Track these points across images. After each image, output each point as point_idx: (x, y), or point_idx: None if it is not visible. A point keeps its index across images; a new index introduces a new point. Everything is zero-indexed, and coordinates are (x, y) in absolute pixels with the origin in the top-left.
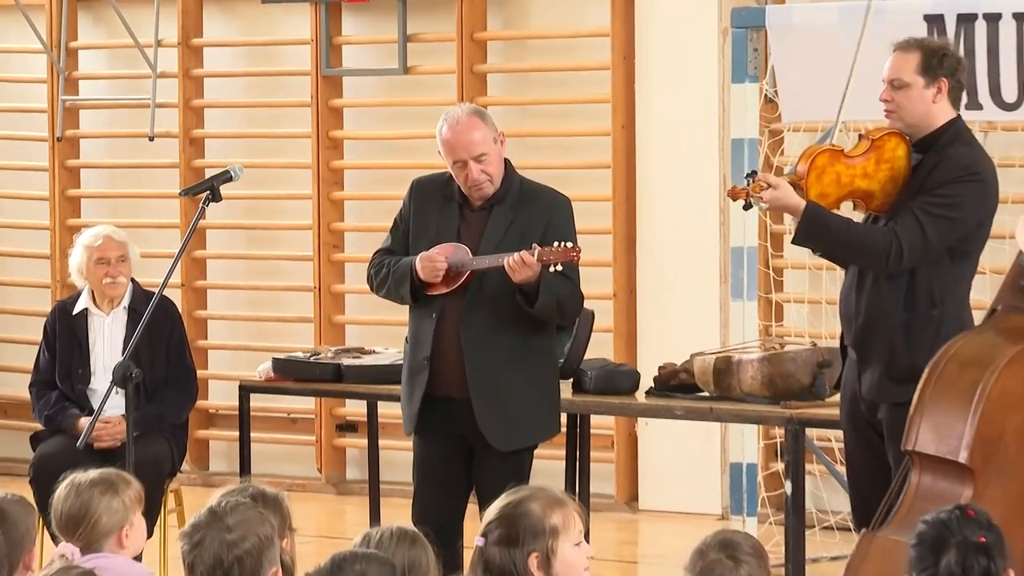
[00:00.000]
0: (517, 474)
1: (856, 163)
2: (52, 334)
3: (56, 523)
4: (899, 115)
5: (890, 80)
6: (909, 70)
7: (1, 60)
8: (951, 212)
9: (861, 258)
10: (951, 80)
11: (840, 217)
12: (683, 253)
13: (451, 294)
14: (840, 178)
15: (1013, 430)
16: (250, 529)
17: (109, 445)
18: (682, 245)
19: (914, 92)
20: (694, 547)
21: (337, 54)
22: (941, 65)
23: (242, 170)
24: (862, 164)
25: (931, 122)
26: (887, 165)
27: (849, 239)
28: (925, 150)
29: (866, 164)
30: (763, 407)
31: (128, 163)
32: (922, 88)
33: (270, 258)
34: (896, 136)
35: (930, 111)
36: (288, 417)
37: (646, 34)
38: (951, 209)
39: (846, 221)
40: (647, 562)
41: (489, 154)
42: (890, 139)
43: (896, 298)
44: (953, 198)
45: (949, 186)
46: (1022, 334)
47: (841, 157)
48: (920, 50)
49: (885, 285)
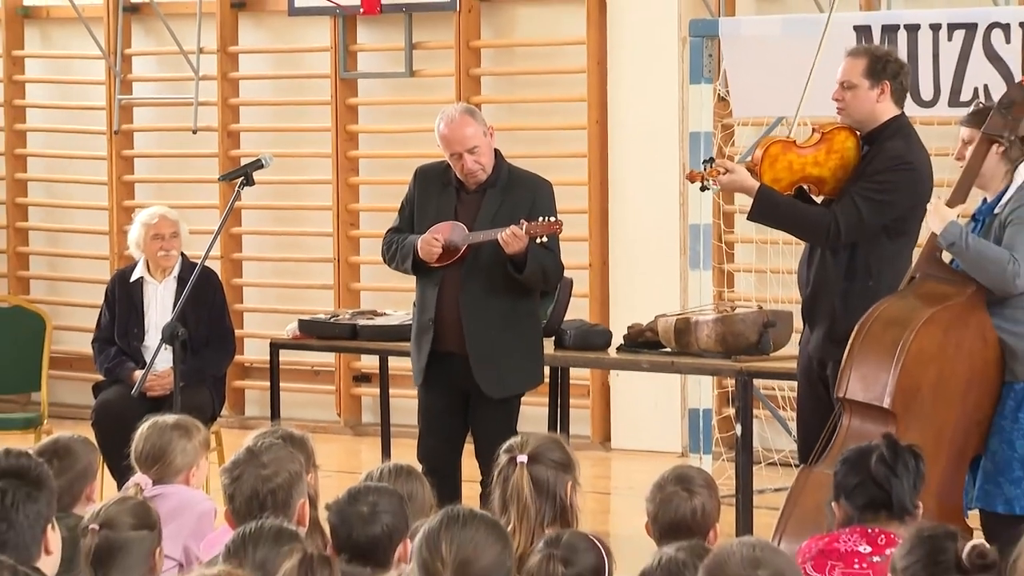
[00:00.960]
0: (507, 419)
1: (807, 153)
2: (112, 298)
3: (135, 457)
4: (848, 112)
5: (841, 81)
6: (857, 73)
7: (66, 65)
8: (884, 196)
9: (805, 233)
10: (893, 83)
11: (788, 198)
12: (648, 229)
13: (451, 265)
14: (792, 165)
15: (928, 381)
16: (281, 466)
17: (159, 394)
18: (647, 223)
19: (861, 92)
20: (655, 480)
21: (353, 60)
22: (885, 70)
23: (272, 159)
24: (813, 154)
25: (876, 118)
26: (837, 155)
27: (795, 217)
28: (871, 142)
29: (817, 154)
30: (717, 361)
31: (174, 153)
32: (868, 89)
33: (295, 234)
34: (846, 130)
35: (875, 109)
36: (312, 370)
37: (616, 43)
38: (884, 193)
39: (793, 202)
40: (618, 493)
41: (480, 146)
42: (840, 132)
43: (838, 271)
44: (886, 184)
45: (884, 173)
46: (937, 298)
47: (793, 147)
48: (867, 56)
49: (829, 259)
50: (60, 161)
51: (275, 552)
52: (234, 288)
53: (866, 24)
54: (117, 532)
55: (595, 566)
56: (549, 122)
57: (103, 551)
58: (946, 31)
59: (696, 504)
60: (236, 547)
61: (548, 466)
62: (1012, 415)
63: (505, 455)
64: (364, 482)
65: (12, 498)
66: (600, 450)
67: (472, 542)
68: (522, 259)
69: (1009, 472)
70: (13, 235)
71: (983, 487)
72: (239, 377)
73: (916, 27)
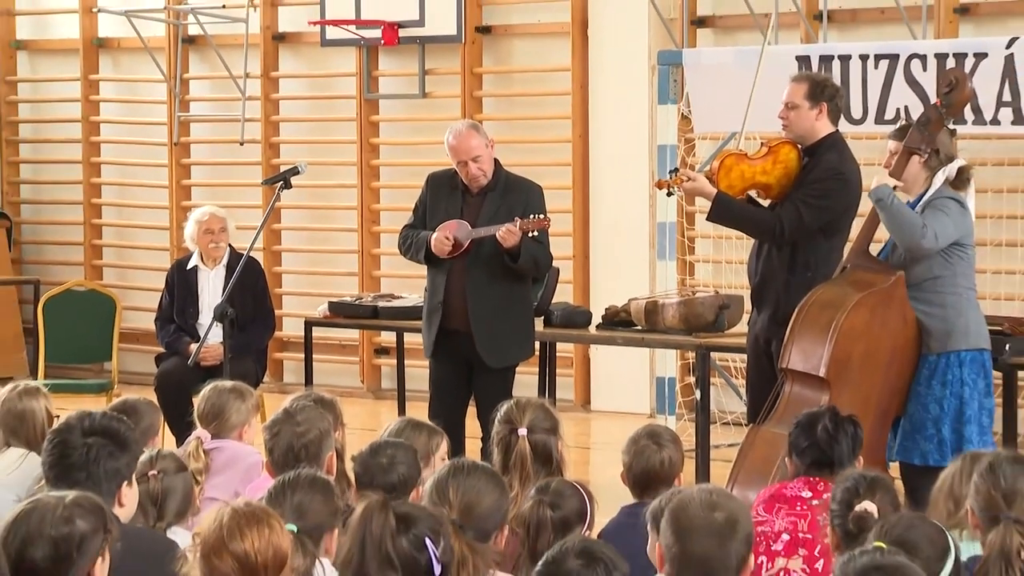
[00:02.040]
0: (504, 385)
1: (756, 163)
2: (171, 283)
3: (198, 415)
4: (791, 128)
5: (785, 103)
6: (799, 95)
7: (134, 88)
8: (820, 201)
9: (755, 232)
10: (830, 104)
11: (740, 202)
12: (622, 226)
13: (457, 256)
14: (744, 174)
15: (857, 354)
16: (313, 424)
17: (211, 364)
18: (622, 221)
19: (802, 112)
20: (629, 436)
21: (375, 83)
22: (823, 92)
23: (306, 167)
24: (761, 164)
25: (815, 134)
26: (781, 165)
27: (746, 218)
28: (811, 155)
29: (765, 164)
30: (680, 337)
31: (224, 161)
32: (808, 109)
33: (326, 230)
34: (789, 144)
35: (814, 126)
36: (339, 344)
37: (596, 70)
38: (821, 199)
39: (744, 205)
40: (596, 448)
41: (482, 156)
42: (784, 146)
43: (782, 264)
44: (823, 191)
45: (821, 182)
46: (865, 284)
47: (744, 159)
48: (808, 81)
49: (775, 254)
50: (128, 168)
51: (309, 496)
52: (274, 275)
53: (806, 55)
54: (168, 477)
55: (579, 509)
56: (540, 136)
57: (159, 493)
58: (873, 60)
59: (664, 456)
60: (276, 493)
61: (543, 433)
62: (926, 382)
63: (505, 426)
64: (384, 438)
65: (95, 454)
66: (581, 412)
67: (475, 489)
68: (517, 251)
69: (924, 431)
70: (89, 230)
71: (902, 443)
72: (278, 350)
73: (848, 57)
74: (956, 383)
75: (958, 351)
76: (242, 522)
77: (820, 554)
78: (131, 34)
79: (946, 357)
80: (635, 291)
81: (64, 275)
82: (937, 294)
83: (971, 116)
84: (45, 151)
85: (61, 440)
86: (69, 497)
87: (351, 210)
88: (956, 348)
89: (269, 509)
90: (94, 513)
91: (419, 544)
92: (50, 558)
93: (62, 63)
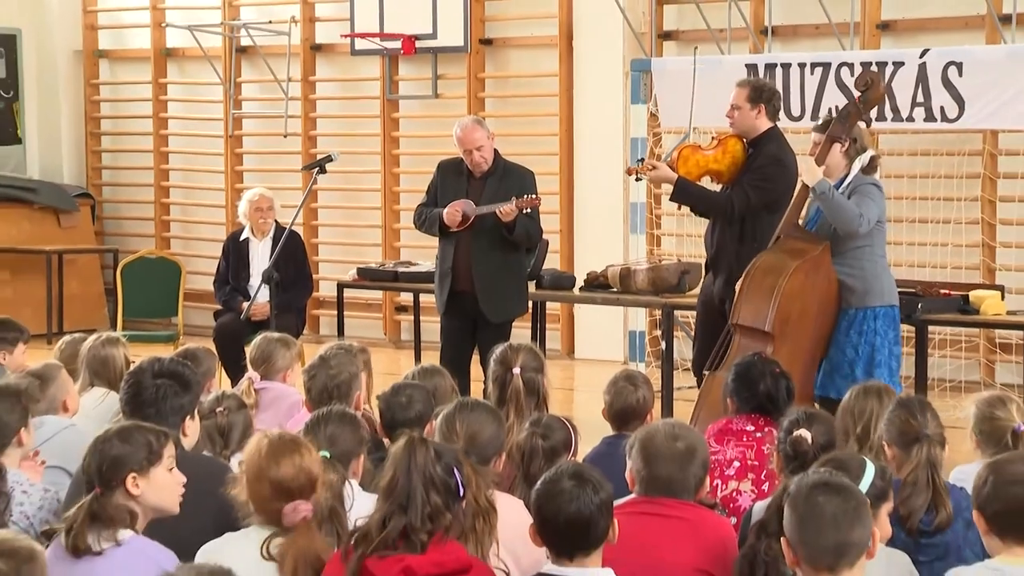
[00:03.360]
0: (503, 337)
1: (709, 154)
2: (227, 252)
3: (250, 360)
4: (736, 125)
5: (731, 104)
6: (743, 98)
7: (195, 89)
8: (765, 184)
9: (711, 211)
10: (768, 105)
11: (698, 185)
12: (601, 206)
13: (464, 230)
14: (699, 162)
15: (795, 312)
16: (344, 368)
17: (259, 319)
18: (601, 201)
19: (744, 111)
20: (609, 378)
21: (396, 86)
22: (761, 95)
23: (338, 155)
24: (713, 154)
25: (756, 129)
26: (730, 155)
27: (702, 199)
28: (754, 147)
29: (716, 154)
30: (649, 297)
31: (271, 151)
32: (749, 110)
33: (354, 208)
34: (735, 137)
35: (755, 123)
36: (366, 303)
37: (580, 75)
38: (764, 183)
39: (701, 188)
40: (579, 389)
41: (485, 146)
42: (731, 139)
43: (733, 236)
44: (766, 176)
45: (764, 168)
46: (798, 253)
47: (699, 150)
48: (749, 86)
49: (727, 228)
50: (191, 156)
51: (339, 428)
52: (312, 245)
53: (754, 63)
54: (232, 414)
55: (566, 440)
56: (532, 130)
57: (225, 427)
58: (809, 68)
59: (639, 395)
60: (313, 425)
61: (532, 371)
62: (845, 332)
63: (501, 366)
64: (403, 380)
65: (163, 392)
66: (567, 359)
67: (478, 422)
68: (513, 225)
69: (841, 371)
70: (159, 208)
71: (823, 381)
72: (315, 308)
73: (789, 65)
74: (871, 333)
75: (873, 307)
76: (277, 452)
77: (766, 478)
78: (193, 45)
79: (863, 311)
80: (611, 259)
81: (138, 245)
82: (858, 260)
83: (890, 114)
84: (122, 142)
85: (135, 381)
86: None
87: (375, 192)
88: (872, 304)
89: (300, 439)
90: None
91: (449, 470)
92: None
93: (136, 69)
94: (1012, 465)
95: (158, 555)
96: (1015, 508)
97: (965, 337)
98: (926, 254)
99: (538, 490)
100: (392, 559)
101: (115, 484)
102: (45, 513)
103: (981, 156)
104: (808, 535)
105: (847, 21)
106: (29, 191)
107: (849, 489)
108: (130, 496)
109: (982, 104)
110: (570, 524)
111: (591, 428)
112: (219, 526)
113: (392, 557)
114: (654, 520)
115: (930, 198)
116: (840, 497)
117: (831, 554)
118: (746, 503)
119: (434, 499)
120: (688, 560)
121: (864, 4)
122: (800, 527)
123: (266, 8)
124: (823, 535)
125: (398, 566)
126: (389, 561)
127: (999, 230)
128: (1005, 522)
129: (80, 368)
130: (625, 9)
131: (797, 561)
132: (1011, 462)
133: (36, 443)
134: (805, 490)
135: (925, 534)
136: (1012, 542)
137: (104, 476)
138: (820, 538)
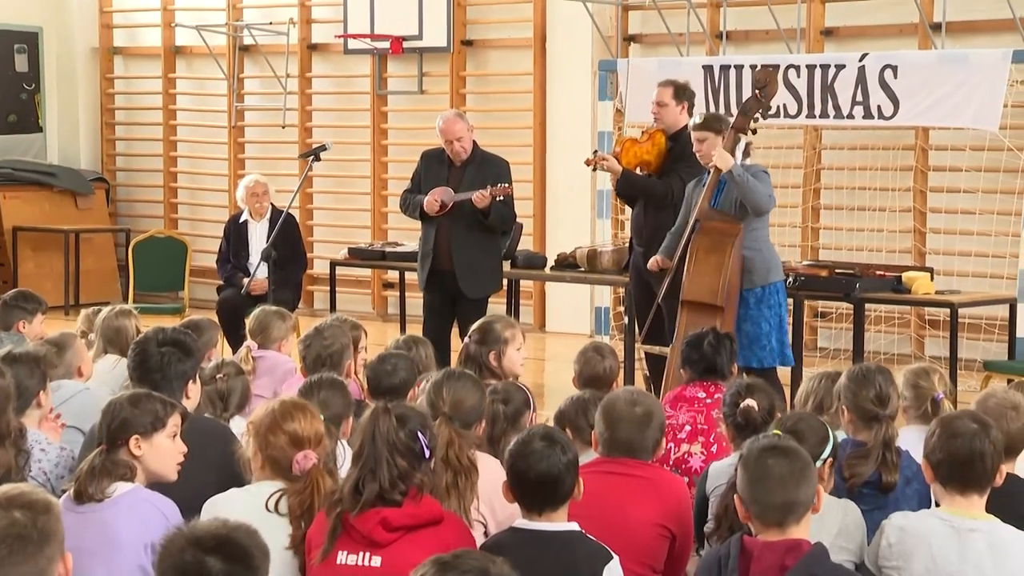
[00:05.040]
0: (480, 311)
1: (642, 146)
2: (228, 232)
3: (248, 330)
4: (661, 120)
5: (656, 101)
6: (667, 96)
7: (202, 84)
8: (693, 170)
9: (651, 198)
10: (689, 102)
11: (639, 175)
12: (571, 193)
13: (444, 215)
14: (636, 154)
15: (732, 287)
16: (336, 339)
17: (259, 293)
18: (571, 188)
19: (668, 108)
20: (578, 350)
21: (384, 82)
22: (683, 94)
23: (332, 145)
24: (644, 146)
25: (678, 124)
26: (656, 147)
27: (644, 187)
28: (674, 140)
29: (647, 146)
30: (613, 276)
31: (270, 140)
32: (673, 106)
33: (346, 193)
34: (660, 132)
35: (678, 119)
36: (356, 279)
37: (552, 73)
38: (692, 168)
39: (642, 177)
40: (550, 360)
41: (464, 138)
42: (657, 133)
43: (664, 220)
44: (694, 164)
45: (691, 158)
46: (727, 234)
47: (635, 143)
48: (672, 85)
49: (659, 212)
50: (197, 144)
51: (331, 393)
52: (307, 226)
53: (710, 64)
54: (231, 380)
55: (524, 400)
56: (508, 124)
57: (225, 391)
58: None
59: (606, 365)
60: (307, 389)
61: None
62: (757, 306)
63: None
64: (388, 350)
65: (167, 359)
66: (539, 332)
67: (463, 389)
68: (488, 210)
69: (759, 342)
70: (167, 191)
71: (743, 353)
72: (310, 284)
73: (741, 66)
74: (776, 306)
75: (774, 282)
76: (290, 409)
77: (714, 440)
78: (200, 43)
79: (768, 287)
80: (580, 241)
81: (148, 225)
82: (756, 240)
83: (832, 112)
84: (135, 132)
85: (141, 349)
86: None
87: (366, 178)
88: (772, 280)
89: (307, 403)
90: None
91: (413, 435)
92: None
93: (148, 65)
94: (958, 420)
95: (160, 502)
96: (955, 458)
97: (898, 314)
98: (864, 239)
99: (511, 450)
100: (371, 512)
101: (119, 443)
102: (61, 470)
103: (913, 150)
104: (759, 494)
105: (794, 27)
106: (49, 175)
107: (796, 452)
108: (132, 456)
109: (914, 103)
110: (540, 481)
111: (562, 395)
112: (221, 481)
113: (371, 511)
114: (616, 479)
115: (868, 188)
116: (787, 459)
117: (779, 511)
118: (696, 464)
119: (400, 463)
120: (647, 515)
121: (810, 12)
122: (751, 486)
123: (267, 10)
124: (772, 494)
125: (376, 518)
126: (368, 514)
127: (929, 217)
128: (947, 471)
129: (95, 337)
130: (594, 14)
131: (749, 516)
132: (959, 418)
133: (54, 405)
134: (756, 452)
135: (868, 484)
136: (953, 490)
137: (111, 435)
138: (770, 496)
